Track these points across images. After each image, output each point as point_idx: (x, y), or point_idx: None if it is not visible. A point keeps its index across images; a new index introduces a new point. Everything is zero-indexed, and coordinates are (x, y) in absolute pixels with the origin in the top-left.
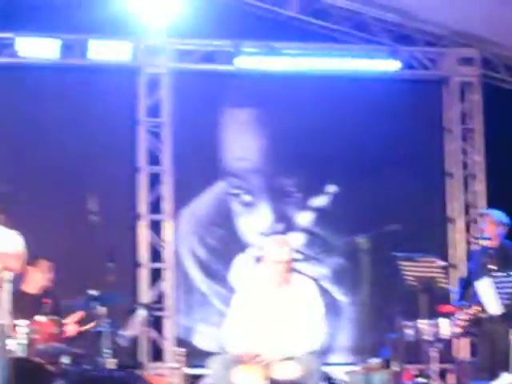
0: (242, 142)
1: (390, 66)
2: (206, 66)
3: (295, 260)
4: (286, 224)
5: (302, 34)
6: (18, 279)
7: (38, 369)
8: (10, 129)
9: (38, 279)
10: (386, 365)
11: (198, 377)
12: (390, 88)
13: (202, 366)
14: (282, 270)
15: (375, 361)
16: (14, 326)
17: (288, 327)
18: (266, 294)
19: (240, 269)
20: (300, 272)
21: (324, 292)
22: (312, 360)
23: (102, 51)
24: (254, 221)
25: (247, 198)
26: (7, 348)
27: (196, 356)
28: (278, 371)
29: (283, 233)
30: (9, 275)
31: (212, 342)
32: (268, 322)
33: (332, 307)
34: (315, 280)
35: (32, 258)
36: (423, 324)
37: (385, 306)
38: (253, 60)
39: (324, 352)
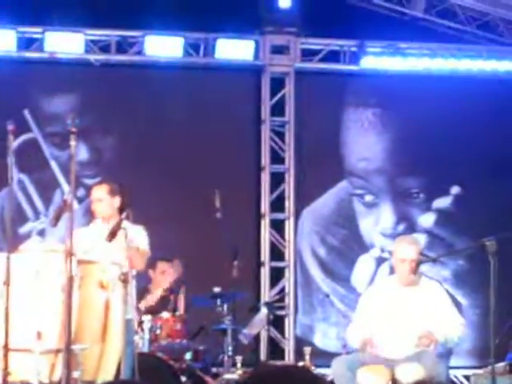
0: (365, 142)
1: None
2: (331, 66)
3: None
4: (407, 225)
5: (427, 34)
6: (142, 276)
7: (161, 364)
8: (135, 127)
9: (164, 277)
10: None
11: None
12: None
13: (322, 366)
14: (409, 269)
15: (500, 364)
16: (140, 321)
17: (416, 327)
18: (393, 293)
19: (362, 269)
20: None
21: None
22: (436, 362)
23: (226, 50)
24: (376, 221)
25: (369, 198)
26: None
27: (317, 355)
28: (401, 372)
29: (404, 234)
30: (133, 271)
31: (332, 341)
32: (395, 322)
33: None
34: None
35: (160, 256)
36: None
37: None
38: (377, 60)
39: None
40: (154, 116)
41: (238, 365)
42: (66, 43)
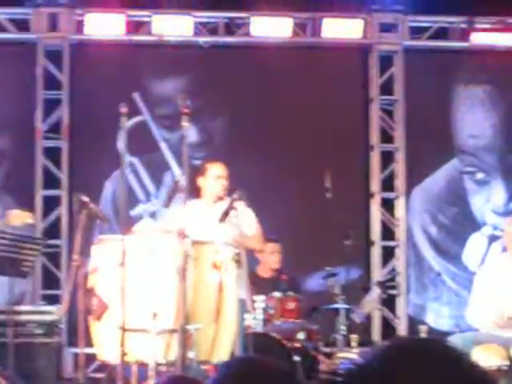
0: (475, 119)
1: None
2: (440, 43)
3: None
4: None
5: None
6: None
7: (275, 344)
8: (244, 108)
9: (273, 258)
10: None
11: None
12: None
13: None
14: None
15: None
16: (253, 301)
17: None
18: (509, 271)
19: (474, 247)
20: None
21: None
22: None
23: (334, 29)
24: (487, 199)
25: (480, 175)
26: (246, 323)
27: (430, 335)
28: None
29: None
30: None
31: (445, 320)
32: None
33: None
34: None
35: (269, 237)
36: None
37: None
38: (486, 36)
39: None
40: (262, 97)
41: (354, 343)
42: (174, 26)
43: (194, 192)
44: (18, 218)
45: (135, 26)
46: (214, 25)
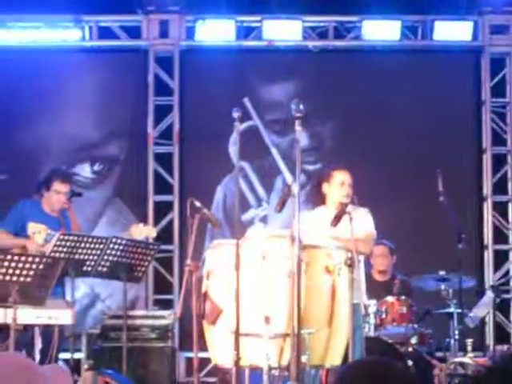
0: None
1: None
2: None
3: None
4: None
5: None
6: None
7: (387, 348)
8: (355, 112)
9: (381, 261)
10: None
11: None
12: None
13: None
14: None
15: None
16: (365, 306)
17: None
18: None
19: None
20: None
21: None
22: None
23: (444, 32)
24: None
25: None
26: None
27: None
28: None
29: None
30: (359, 256)
31: None
32: None
33: None
34: None
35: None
36: None
37: None
38: None
39: None
40: (372, 100)
41: (469, 348)
42: (283, 31)
43: (318, 198)
44: (142, 232)
45: (245, 32)
46: (323, 29)
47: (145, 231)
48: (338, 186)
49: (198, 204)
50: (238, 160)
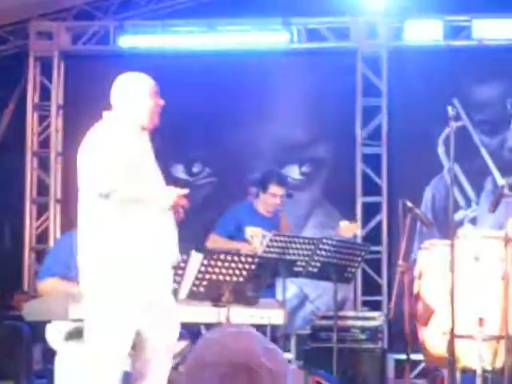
0: None
1: None
2: None
3: None
4: None
5: None
6: None
7: None
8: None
9: None
10: None
11: None
12: None
13: None
14: None
15: None
16: None
17: None
18: None
19: None
20: None
21: None
22: None
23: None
24: None
25: None
26: None
27: None
28: None
29: None
30: None
31: None
32: None
33: None
34: None
35: None
36: None
37: None
38: None
39: None
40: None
41: None
42: (494, 30)
43: None
44: (349, 229)
45: (454, 31)
46: None
47: (351, 228)
48: None
49: (410, 204)
50: (452, 159)
